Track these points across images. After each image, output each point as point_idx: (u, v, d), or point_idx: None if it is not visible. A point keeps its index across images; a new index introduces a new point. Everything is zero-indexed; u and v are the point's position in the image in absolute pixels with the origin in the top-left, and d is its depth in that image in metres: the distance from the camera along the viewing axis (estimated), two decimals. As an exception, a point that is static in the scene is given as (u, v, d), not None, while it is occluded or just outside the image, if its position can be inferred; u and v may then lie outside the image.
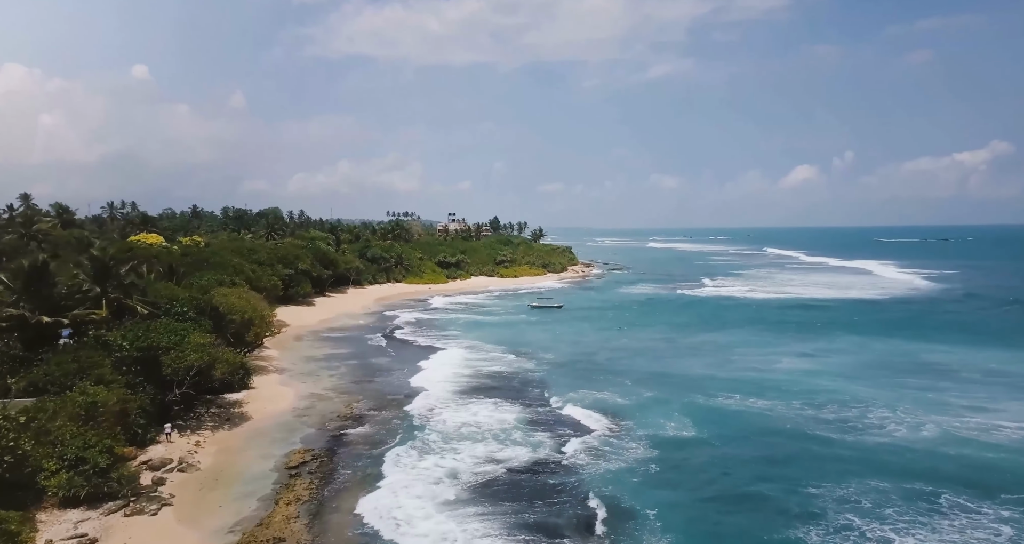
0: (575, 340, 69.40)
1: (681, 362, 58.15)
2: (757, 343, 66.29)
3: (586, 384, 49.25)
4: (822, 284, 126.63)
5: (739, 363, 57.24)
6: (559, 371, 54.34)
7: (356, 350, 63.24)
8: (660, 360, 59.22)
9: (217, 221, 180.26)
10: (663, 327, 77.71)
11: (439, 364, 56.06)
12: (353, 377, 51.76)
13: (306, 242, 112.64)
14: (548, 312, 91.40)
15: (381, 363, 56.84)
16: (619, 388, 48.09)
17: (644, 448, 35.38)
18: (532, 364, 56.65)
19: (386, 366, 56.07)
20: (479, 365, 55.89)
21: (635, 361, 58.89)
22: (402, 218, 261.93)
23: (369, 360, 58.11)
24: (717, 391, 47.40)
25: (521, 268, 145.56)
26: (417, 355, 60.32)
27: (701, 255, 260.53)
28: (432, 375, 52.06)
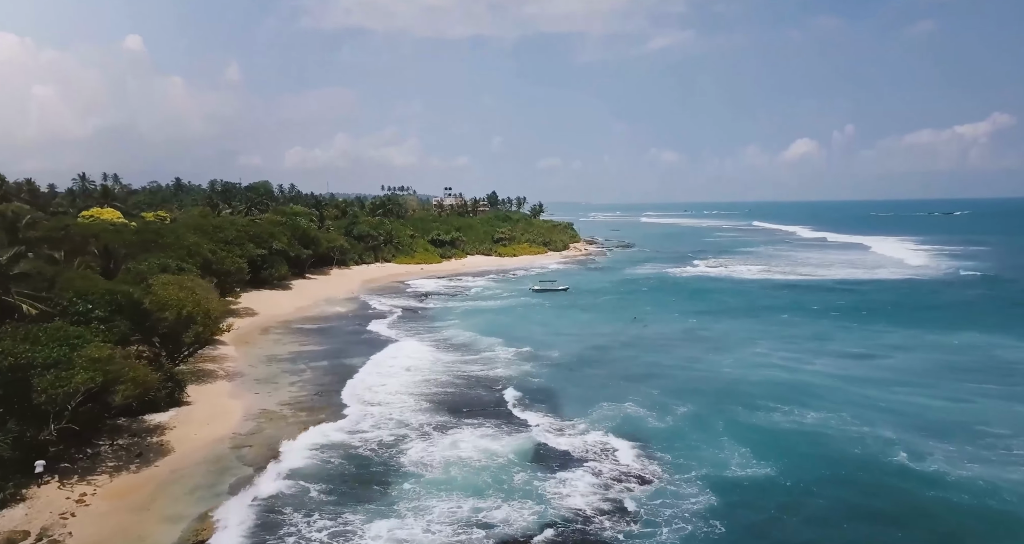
0: (584, 332, 60.26)
1: (708, 360, 49.06)
2: (791, 336, 57.11)
3: (603, 394, 40.15)
4: (844, 263, 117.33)
5: (775, 362, 48.09)
6: (568, 375, 45.21)
7: (330, 346, 54.05)
8: (683, 358, 50.13)
9: (202, 195, 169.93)
10: (680, 315, 68.57)
11: (422, 366, 46.90)
12: (319, 384, 42.58)
13: (286, 218, 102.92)
14: (552, 296, 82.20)
15: (356, 365, 47.63)
16: (644, 399, 39.00)
17: (704, 500, 26.10)
18: (535, 366, 47.48)
19: (361, 368, 46.86)
20: (470, 368, 46.73)
21: (655, 359, 49.83)
22: (397, 192, 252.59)
23: (343, 361, 48.89)
24: (759, 401, 38.43)
25: (521, 246, 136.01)
26: (404, 354, 51.25)
27: (705, 231, 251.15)
28: (411, 380, 42.93)
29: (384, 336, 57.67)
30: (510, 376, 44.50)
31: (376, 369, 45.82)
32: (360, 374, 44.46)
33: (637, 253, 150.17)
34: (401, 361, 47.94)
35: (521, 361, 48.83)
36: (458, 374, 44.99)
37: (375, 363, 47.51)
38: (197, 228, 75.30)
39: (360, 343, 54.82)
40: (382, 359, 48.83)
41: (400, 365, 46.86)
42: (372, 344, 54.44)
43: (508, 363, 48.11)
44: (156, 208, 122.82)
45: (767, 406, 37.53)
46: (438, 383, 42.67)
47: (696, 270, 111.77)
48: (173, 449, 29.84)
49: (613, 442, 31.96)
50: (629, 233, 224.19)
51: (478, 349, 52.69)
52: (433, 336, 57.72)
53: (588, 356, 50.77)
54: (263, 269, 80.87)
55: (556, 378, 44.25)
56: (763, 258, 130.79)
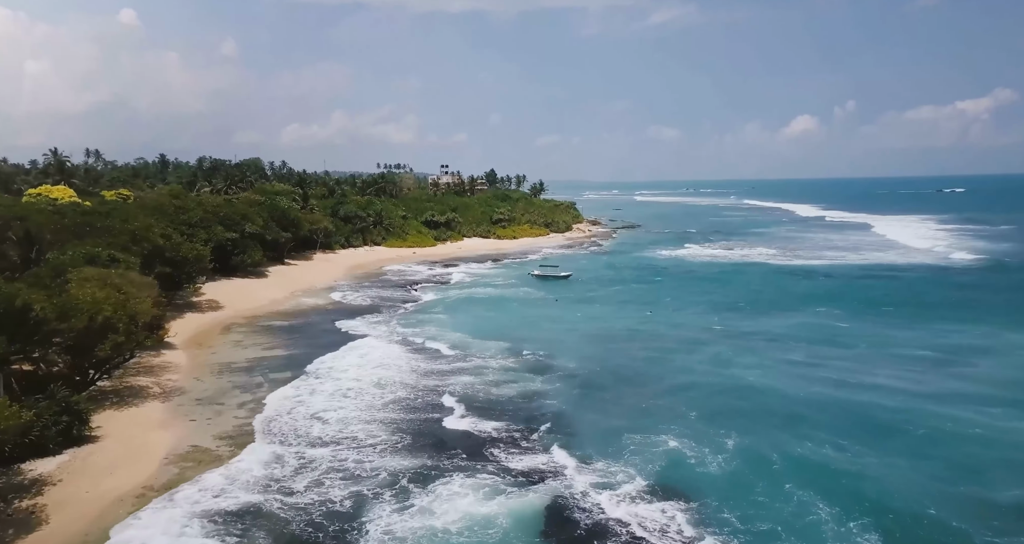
0: (594, 329, 52.11)
1: (743, 368, 40.94)
2: (837, 336, 48.95)
3: (630, 420, 32.10)
4: (869, 246, 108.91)
5: (827, 373, 39.88)
6: (582, 391, 37.03)
7: (298, 350, 45.87)
8: (714, 364, 42.05)
9: (187, 172, 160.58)
10: (702, 307, 60.42)
11: (397, 378, 38.69)
12: (273, 407, 34.41)
13: (264, 198, 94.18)
14: (554, 285, 73.95)
15: (319, 378, 39.43)
16: (681, 427, 30.96)
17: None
18: (539, 378, 39.29)
19: (319, 384, 38.64)
20: (459, 382, 38.56)
21: (682, 366, 41.77)
22: (393, 170, 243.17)
23: (308, 371, 40.74)
24: (823, 432, 30.48)
25: (521, 228, 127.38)
26: (378, 361, 43.07)
27: (711, 210, 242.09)
28: (379, 401, 34.75)
29: (359, 337, 49.47)
30: (509, 396, 36.29)
31: (337, 384, 37.55)
32: (315, 394, 36.17)
33: (643, 235, 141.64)
34: (370, 374, 39.55)
35: (523, 371, 40.67)
36: (442, 390, 36.79)
37: (336, 376, 39.25)
38: (157, 209, 66.73)
39: (332, 346, 46.58)
40: (348, 368, 40.65)
41: (370, 378, 38.57)
42: (344, 348, 46.25)
43: (506, 375, 39.94)
44: (128, 185, 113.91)
45: (836, 440, 29.48)
46: (414, 406, 34.42)
47: (708, 253, 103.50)
48: (46, 520, 21.71)
49: (659, 502, 23.77)
50: (631, 213, 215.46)
51: (470, 354, 44.53)
52: (418, 337, 49.52)
53: (603, 363, 42.62)
54: (234, 255, 72.53)
55: (567, 396, 36.12)
56: (777, 240, 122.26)
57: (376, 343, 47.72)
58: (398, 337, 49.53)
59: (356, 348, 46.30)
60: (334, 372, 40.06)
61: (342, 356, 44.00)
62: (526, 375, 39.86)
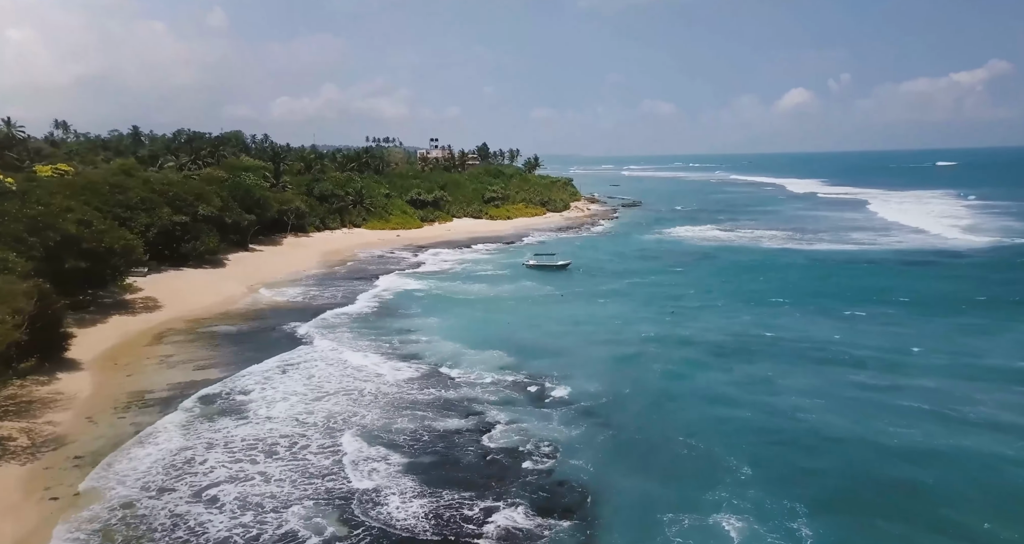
0: (609, 336, 42.84)
1: (806, 397, 31.90)
2: (904, 344, 39.81)
3: (666, 487, 23.08)
4: (901, 227, 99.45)
5: (918, 404, 30.88)
6: (602, 440, 27.74)
7: (239, 369, 36.42)
8: (766, 392, 32.98)
9: (162, 145, 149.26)
10: (731, 304, 51.27)
11: (360, 423, 29.35)
12: (177, 464, 25.04)
13: (229, 175, 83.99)
14: (557, 277, 64.56)
15: (246, 418, 30.04)
16: (738, 500, 21.95)
17: None
18: (541, 415, 30.05)
19: (240, 432, 29.25)
20: (435, 424, 29.32)
21: (724, 395, 32.62)
22: (382, 144, 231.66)
23: (240, 399, 31.36)
24: (951, 510, 21.52)
25: (515, 207, 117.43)
26: (335, 384, 33.70)
27: (712, 186, 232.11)
28: (322, 462, 25.43)
29: (319, 348, 40.02)
30: (500, 446, 27.01)
31: (261, 430, 28.12)
32: (224, 448, 26.73)
33: (646, 214, 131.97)
34: (319, 409, 30.14)
35: (519, 404, 31.44)
36: (409, 437, 27.57)
37: (270, 413, 29.85)
38: (87, 188, 56.65)
39: (280, 364, 37.14)
40: (291, 397, 31.29)
41: (317, 417, 29.24)
42: (296, 365, 36.86)
43: (497, 409, 30.69)
44: (81, 159, 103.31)
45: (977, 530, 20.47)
46: (366, 470, 25.14)
47: (721, 236, 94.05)
48: None
49: None
50: (629, 188, 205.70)
51: (454, 377, 35.24)
52: (393, 350, 40.18)
53: (623, 388, 33.42)
54: (184, 241, 62.77)
55: (581, 447, 26.87)
56: (791, 220, 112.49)
57: (338, 357, 38.35)
58: (368, 349, 40.14)
59: (310, 365, 36.93)
60: (269, 405, 30.70)
61: (288, 379, 34.66)
62: (522, 411, 30.62)
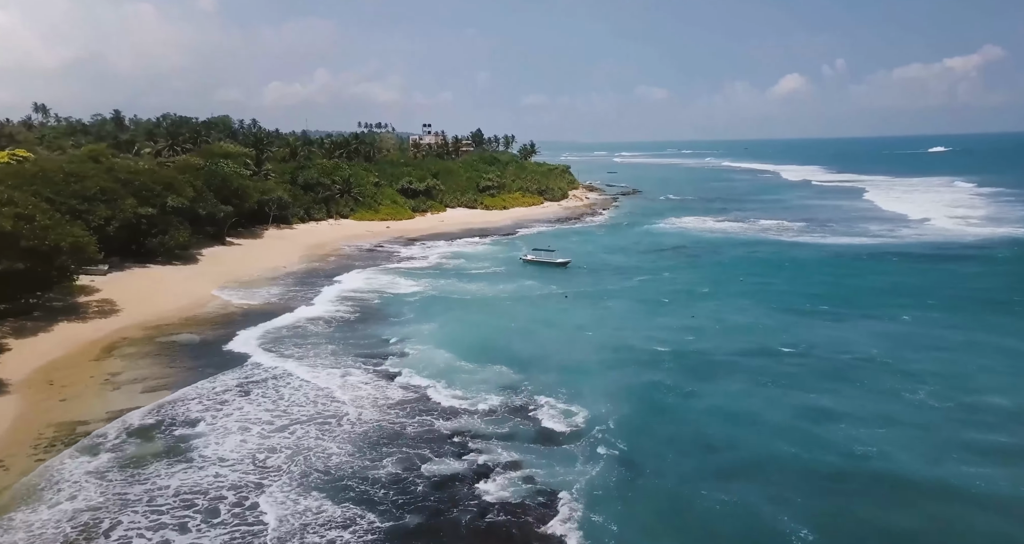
0: (624, 347, 37.67)
1: (865, 426, 27.11)
2: (969, 356, 34.85)
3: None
4: (913, 218, 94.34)
5: (1013, 439, 25.97)
6: (621, 500, 22.56)
7: (190, 392, 31.10)
8: (820, 422, 28.03)
9: (145, 129, 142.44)
10: (754, 306, 46.28)
11: (327, 470, 24.05)
12: (70, 538, 19.72)
13: (206, 162, 77.99)
14: (554, 274, 59.31)
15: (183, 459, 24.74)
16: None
17: None
18: (549, 467, 24.88)
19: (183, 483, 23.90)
20: (423, 486, 24.09)
21: (771, 423, 27.62)
22: (374, 130, 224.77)
23: (183, 432, 26.04)
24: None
25: (512, 196, 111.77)
26: (304, 418, 28.41)
27: (711, 173, 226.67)
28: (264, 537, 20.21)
29: (291, 362, 34.66)
30: (502, 501, 21.81)
31: (205, 476, 22.76)
32: (147, 510, 21.46)
33: (646, 203, 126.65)
34: (281, 445, 24.65)
35: (524, 438, 26.29)
36: (390, 489, 22.36)
37: (221, 453, 24.50)
38: (38, 177, 50.87)
39: (242, 384, 31.79)
40: (251, 428, 25.96)
41: (285, 452, 23.96)
42: (259, 382, 31.52)
43: (499, 446, 25.51)
44: (49, 146, 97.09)
45: None
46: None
47: (729, 227, 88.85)
48: None
49: None
50: (626, 176, 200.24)
51: (445, 398, 30.08)
52: (371, 362, 34.94)
53: (641, 418, 28.33)
54: (151, 236, 57.12)
55: (598, 501, 21.73)
56: (796, 211, 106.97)
57: (312, 374, 33.05)
58: (349, 363, 34.85)
59: (279, 384, 31.64)
60: (220, 440, 25.41)
61: (249, 403, 29.40)
62: (535, 449, 25.46)
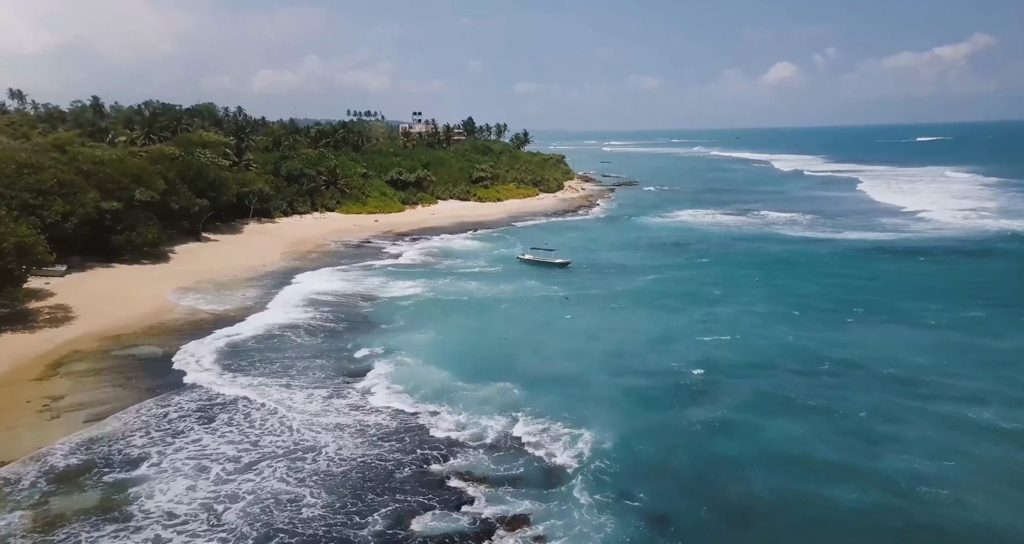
0: (630, 361, 33.68)
1: (935, 461, 23.36)
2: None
3: None
4: (927, 212, 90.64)
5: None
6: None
7: (142, 415, 26.81)
8: (876, 455, 24.32)
9: (125, 117, 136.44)
10: (780, 314, 42.42)
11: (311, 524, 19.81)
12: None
13: (182, 152, 73.09)
14: (555, 274, 55.21)
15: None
16: None
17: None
18: (561, 524, 20.83)
19: None
20: None
21: (818, 465, 23.74)
22: (363, 118, 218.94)
23: (120, 477, 21.81)
24: None
25: (506, 187, 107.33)
26: (275, 453, 24.21)
27: (705, 163, 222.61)
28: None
29: (262, 380, 30.41)
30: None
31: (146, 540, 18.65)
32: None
33: (644, 195, 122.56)
34: (244, 490, 20.17)
35: (530, 483, 22.17)
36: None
37: (158, 507, 20.17)
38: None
39: (205, 406, 27.54)
40: (202, 465, 21.61)
41: (244, 501, 19.60)
42: (225, 405, 27.25)
43: (503, 494, 21.43)
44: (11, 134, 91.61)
45: None
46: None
47: (728, 222, 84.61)
48: None
49: None
50: (620, 166, 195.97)
51: (438, 428, 25.98)
52: (356, 380, 30.74)
53: (664, 452, 24.38)
54: (117, 232, 52.53)
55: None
56: (799, 203, 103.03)
57: (288, 396, 28.85)
58: (329, 380, 30.68)
59: (248, 407, 27.42)
60: (166, 485, 21.19)
61: (210, 434, 25.14)
62: (544, 496, 21.38)
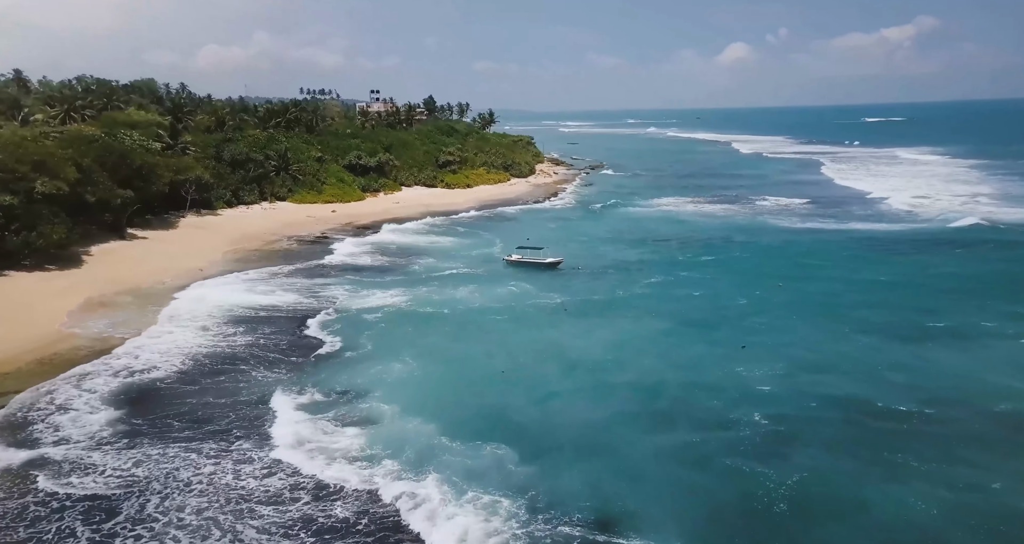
0: (657, 404, 26.51)
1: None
2: None
3: None
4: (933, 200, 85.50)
5: None
6: None
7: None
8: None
9: (52, 93, 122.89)
10: (823, 327, 36.08)
11: None
12: None
13: (105, 133, 62.73)
14: (544, 276, 47.64)
15: None
16: None
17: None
18: None
19: None
20: None
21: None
22: (317, 97, 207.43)
23: None
24: None
25: (476, 172, 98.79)
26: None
27: (676, 145, 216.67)
28: None
29: (138, 459, 22.22)
30: None
31: None
32: None
33: (620, 179, 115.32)
34: None
35: None
36: None
37: None
38: None
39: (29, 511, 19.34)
40: None
41: None
42: (115, 500, 19.10)
43: None
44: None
45: None
46: None
47: (720, 211, 78.02)
48: None
49: None
50: (587, 148, 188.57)
51: (416, 533, 18.27)
52: (307, 436, 22.77)
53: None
54: (11, 233, 43.01)
55: None
56: (785, 187, 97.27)
57: (201, 471, 20.77)
58: (276, 441, 22.64)
59: (144, 490, 19.24)
60: None
61: None
62: None
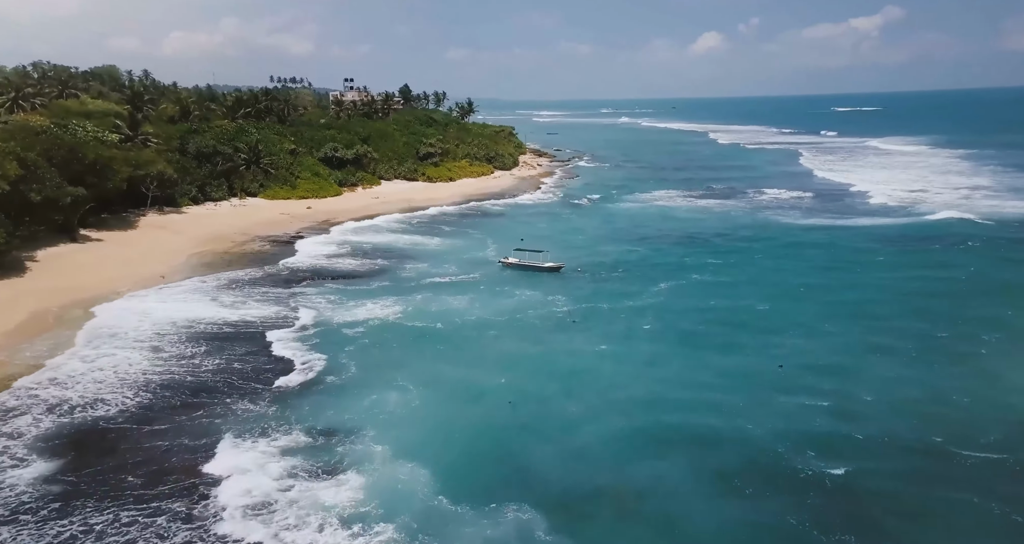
0: (692, 445, 22.75)
1: None
2: None
3: None
4: (934, 193, 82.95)
5: None
6: None
7: None
8: None
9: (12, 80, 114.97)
10: (877, 347, 32.53)
11: None
12: None
13: (50, 124, 57.01)
14: (545, 281, 43.59)
15: None
16: None
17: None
18: None
19: None
20: None
21: None
22: (288, 85, 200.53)
23: None
24: None
25: (458, 165, 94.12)
26: None
27: (658, 135, 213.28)
28: None
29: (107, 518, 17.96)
30: None
31: None
32: None
33: (603, 172, 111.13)
34: None
35: None
36: None
37: None
38: None
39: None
40: None
41: None
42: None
43: None
44: None
45: None
46: None
47: (717, 206, 74.50)
48: None
49: None
50: (567, 138, 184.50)
51: None
52: (275, 498, 18.51)
53: None
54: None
55: None
56: (778, 179, 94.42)
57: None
58: (246, 503, 18.36)
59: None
60: None
61: None
62: None
